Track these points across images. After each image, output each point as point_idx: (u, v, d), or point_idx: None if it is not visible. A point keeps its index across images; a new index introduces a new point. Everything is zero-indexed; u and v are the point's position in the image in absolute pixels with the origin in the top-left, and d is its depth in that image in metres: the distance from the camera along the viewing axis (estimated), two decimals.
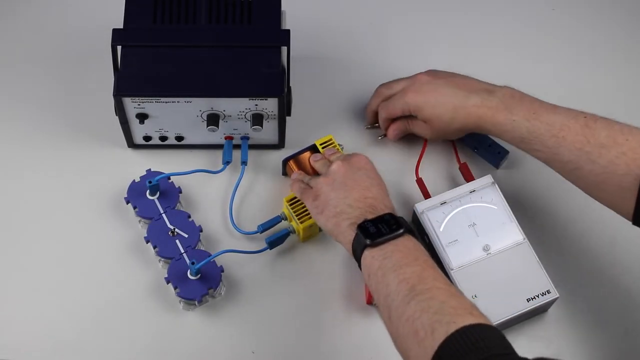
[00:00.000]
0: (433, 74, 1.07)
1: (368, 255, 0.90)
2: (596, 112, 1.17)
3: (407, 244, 0.90)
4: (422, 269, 0.86)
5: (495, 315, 0.99)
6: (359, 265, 0.92)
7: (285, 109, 1.06)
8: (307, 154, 1.09)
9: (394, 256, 0.88)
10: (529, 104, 0.99)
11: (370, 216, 0.93)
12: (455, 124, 1.03)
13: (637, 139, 0.92)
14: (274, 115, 1.07)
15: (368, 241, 0.90)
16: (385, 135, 1.13)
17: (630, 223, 0.92)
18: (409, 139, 1.13)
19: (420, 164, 1.10)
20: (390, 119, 1.10)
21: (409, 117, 1.08)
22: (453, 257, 1.01)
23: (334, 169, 0.99)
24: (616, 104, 1.19)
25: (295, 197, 1.06)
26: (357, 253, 0.92)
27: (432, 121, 1.04)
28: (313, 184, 1.01)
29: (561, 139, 0.96)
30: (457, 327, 0.78)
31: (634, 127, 0.93)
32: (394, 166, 1.12)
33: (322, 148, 1.08)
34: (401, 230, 0.90)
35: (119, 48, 1.05)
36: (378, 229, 0.90)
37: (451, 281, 1.00)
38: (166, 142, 1.12)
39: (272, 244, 1.06)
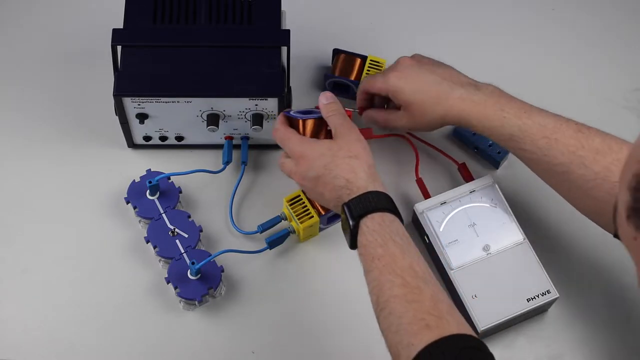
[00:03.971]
0: (417, 58, 1.04)
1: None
2: (596, 110, 1.18)
3: (362, 240, 0.89)
4: (379, 273, 0.86)
5: (495, 315, 0.99)
6: None
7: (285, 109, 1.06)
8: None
9: (361, 261, 0.89)
10: (519, 104, 0.98)
11: (340, 212, 0.93)
12: (435, 113, 0.99)
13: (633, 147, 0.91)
14: (274, 115, 1.07)
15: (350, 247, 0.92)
16: (359, 112, 1.09)
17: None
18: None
19: (420, 164, 1.10)
20: (366, 93, 1.06)
21: (387, 109, 1.06)
22: (453, 257, 1.01)
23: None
24: (617, 103, 1.19)
25: (295, 197, 1.06)
26: None
27: (412, 107, 1.00)
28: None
29: (553, 140, 0.94)
30: (416, 351, 0.79)
31: (627, 141, 0.92)
32: (394, 166, 1.12)
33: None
34: (351, 224, 0.89)
35: (119, 48, 1.05)
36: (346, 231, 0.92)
37: (451, 281, 1.00)
38: (166, 142, 1.12)
39: (272, 244, 1.06)
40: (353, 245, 0.91)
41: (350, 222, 0.89)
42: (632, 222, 0.63)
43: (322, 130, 1.01)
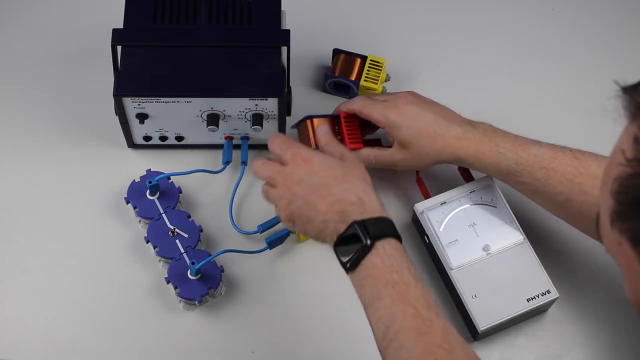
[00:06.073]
0: (416, 96, 1.03)
1: (353, 280, 0.87)
2: (595, 113, 1.18)
3: (375, 261, 0.85)
4: (392, 301, 0.83)
5: (495, 315, 0.99)
6: None
7: (285, 109, 1.06)
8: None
9: (368, 285, 0.85)
10: (513, 138, 0.99)
11: (341, 227, 0.87)
12: (431, 152, 1.00)
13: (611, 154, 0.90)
14: (274, 115, 1.07)
15: (346, 266, 0.86)
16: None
17: None
18: None
19: None
20: (357, 116, 1.03)
21: (379, 147, 1.05)
22: (453, 257, 1.01)
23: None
24: (618, 103, 1.18)
25: None
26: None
27: (410, 145, 1.00)
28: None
29: (551, 170, 0.96)
30: None
31: None
32: None
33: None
34: (367, 243, 0.85)
35: (119, 48, 1.05)
36: (349, 250, 0.86)
37: (451, 281, 1.00)
38: (166, 142, 1.12)
39: (272, 244, 1.06)
40: (354, 265, 0.85)
41: (367, 241, 0.85)
42: (616, 227, 0.62)
43: None
